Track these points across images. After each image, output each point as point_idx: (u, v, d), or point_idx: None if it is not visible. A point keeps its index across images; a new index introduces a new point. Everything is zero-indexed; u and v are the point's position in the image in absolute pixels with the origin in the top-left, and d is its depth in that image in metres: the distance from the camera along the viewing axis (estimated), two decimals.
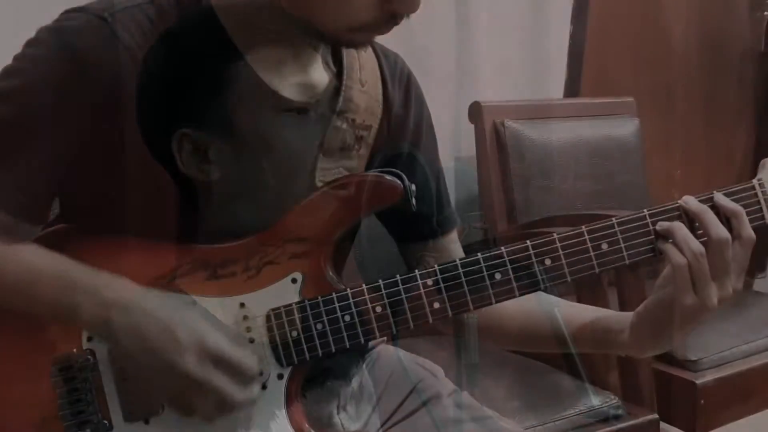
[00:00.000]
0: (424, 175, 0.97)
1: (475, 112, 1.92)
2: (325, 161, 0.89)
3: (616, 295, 1.56)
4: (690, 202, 0.81)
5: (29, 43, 0.81)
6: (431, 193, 0.99)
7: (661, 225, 0.81)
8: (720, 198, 0.82)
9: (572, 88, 2.27)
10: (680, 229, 0.80)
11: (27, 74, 0.79)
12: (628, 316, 0.88)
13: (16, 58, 0.80)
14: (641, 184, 2.13)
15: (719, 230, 0.79)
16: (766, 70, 2.81)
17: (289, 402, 0.82)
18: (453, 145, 2.00)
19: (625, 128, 2.12)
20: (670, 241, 0.80)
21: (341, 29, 0.78)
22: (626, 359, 1.57)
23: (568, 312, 0.94)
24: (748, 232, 0.81)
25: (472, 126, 1.93)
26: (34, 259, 0.80)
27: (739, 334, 1.73)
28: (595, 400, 1.41)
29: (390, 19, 0.78)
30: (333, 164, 0.90)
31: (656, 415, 1.50)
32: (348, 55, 0.91)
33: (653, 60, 2.53)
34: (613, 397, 1.45)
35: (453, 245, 1.02)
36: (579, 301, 1.46)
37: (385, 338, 1.11)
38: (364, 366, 1.04)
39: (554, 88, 2.25)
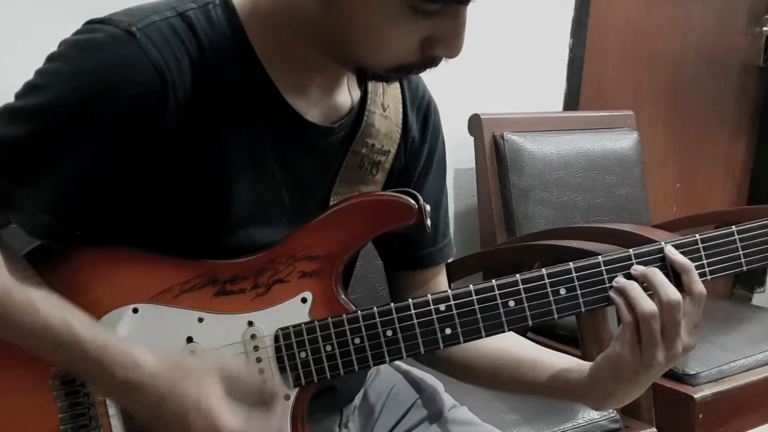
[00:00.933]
0: (429, 204, 0.97)
1: (475, 124, 1.93)
2: (341, 185, 0.89)
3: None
4: (638, 268, 0.80)
5: (52, 58, 0.76)
6: (435, 222, 0.97)
7: (617, 281, 0.80)
8: (670, 252, 0.80)
9: (572, 102, 2.28)
10: (632, 288, 0.79)
11: (50, 91, 0.74)
12: (587, 368, 0.86)
13: (38, 73, 0.76)
14: (641, 197, 2.13)
15: (668, 292, 0.77)
16: (765, 85, 2.82)
17: (294, 423, 0.81)
18: (452, 157, 2.00)
19: (624, 141, 2.13)
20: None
21: (378, 68, 0.76)
22: None
23: (534, 357, 0.92)
24: (699, 288, 0.79)
25: (472, 138, 1.94)
26: (47, 316, 0.73)
27: (738, 348, 1.73)
28: (594, 413, 1.41)
29: (429, 62, 0.76)
30: (348, 189, 0.89)
31: (654, 429, 1.50)
32: None
33: (652, 74, 2.54)
34: (611, 411, 1.45)
35: (441, 277, 1.01)
36: (577, 320, 1.47)
37: None
38: (366, 380, 1.03)
39: (554, 101, 2.26)
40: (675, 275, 0.80)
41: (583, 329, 1.48)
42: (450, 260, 1.01)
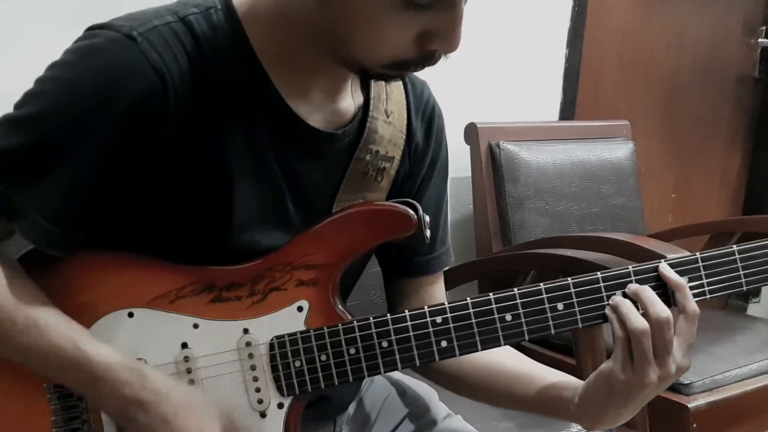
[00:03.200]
0: (429, 211, 0.94)
1: (471, 133, 1.94)
2: (345, 192, 0.88)
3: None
4: (631, 286, 0.80)
5: (53, 66, 0.76)
6: (434, 230, 0.97)
7: (613, 299, 0.80)
8: (664, 270, 0.80)
9: (567, 111, 2.29)
10: (624, 305, 0.78)
11: (50, 98, 0.74)
12: (580, 385, 0.85)
13: (38, 81, 0.76)
14: (636, 206, 2.14)
15: (657, 309, 0.77)
16: (760, 96, 2.83)
17: None
18: (449, 165, 2.01)
19: (620, 151, 2.13)
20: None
21: (374, 65, 0.76)
22: None
23: (529, 371, 0.91)
24: (692, 306, 0.78)
25: (468, 147, 1.94)
26: (53, 336, 0.75)
27: (732, 358, 1.73)
28: None
29: (427, 58, 0.75)
30: (353, 195, 0.89)
31: None
32: (376, 84, 0.89)
33: (648, 84, 2.56)
34: None
35: (439, 285, 1.01)
36: (573, 336, 1.47)
37: None
38: (360, 390, 1.03)
39: (550, 110, 2.27)
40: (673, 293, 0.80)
41: (577, 340, 1.49)
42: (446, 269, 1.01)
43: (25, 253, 0.82)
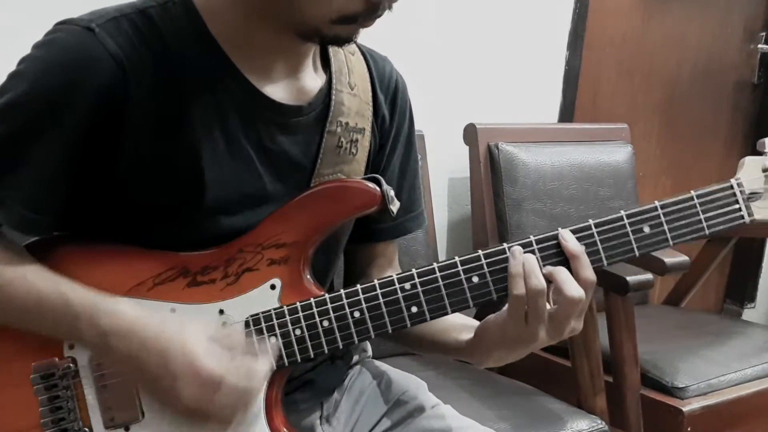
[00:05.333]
0: (392, 182, 0.97)
1: (470, 133, 1.94)
2: (323, 166, 0.90)
3: (605, 320, 1.56)
4: (515, 251, 0.81)
5: (21, 61, 0.81)
6: (401, 192, 0.99)
7: (522, 257, 0.81)
8: (564, 235, 0.82)
9: (567, 113, 2.29)
10: (528, 261, 0.81)
11: (19, 89, 0.78)
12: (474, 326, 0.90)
13: (9, 76, 0.81)
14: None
15: (533, 283, 0.79)
16: (759, 102, 2.84)
17: (268, 407, 0.82)
18: (447, 165, 2.01)
19: (618, 154, 2.14)
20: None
21: (323, 21, 0.78)
22: (614, 384, 1.57)
23: (453, 323, 0.94)
24: (585, 274, 0.80)
25: (467, 147, 1.94)
26: (38, 283, 0.79)
27: (728, 362, 1.73)
28: (582, 424, 1.41)
29: (372, 9, 0.78)
30: (330, 169, 0.91)
31: None
32: (336, 59, 0.93)
33: (648, 88, 2.56)
34: (600, 421, 1.45)
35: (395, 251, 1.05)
36: (569, 338, 1.47)
37: (370, 354, 1.11)
38: (348, 377, 1.04)
39: (549, 112, 2.27)
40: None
41: (573, 341, 1.49)
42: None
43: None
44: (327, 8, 0.77)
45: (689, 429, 1.57)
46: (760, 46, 2.76)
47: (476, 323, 0.91)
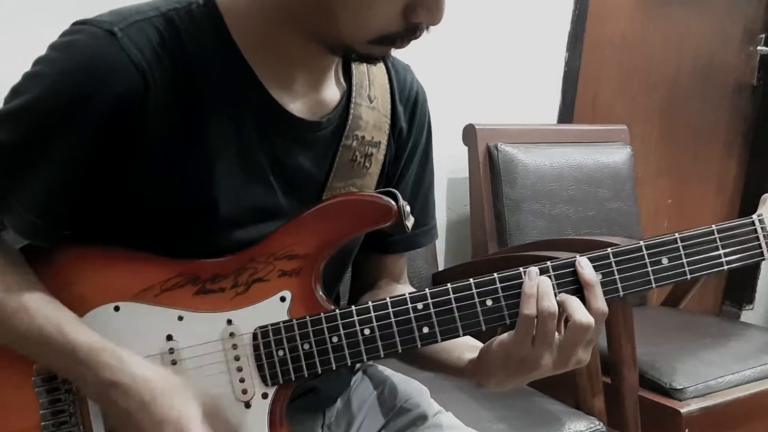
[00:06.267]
0: (406, 195, 0.96)
1: (469, 134, 1.94)
2: (336, 179, 0.89)
3: (604, 326, 1.56)
4: (531, 272, 0.80)
5: (37, 62, 0.77)
6: (414, 205, 0.98)
7: (536, 277, 0.80)
8: (581, 264, 0.80)
9: (566, 115, 2.29)
10: (543, 283, 0.79)
11: (33, 93, 0.75)
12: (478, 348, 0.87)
13: (23, 77, 0.77)
14: (632, 211, 2.14)
15: (545, 305, 0.78)
16: (758, 103, 2.84)
17: (272, 423, 0.81)
18: (446, 166, 2.01)
19: (617, 156, 2.14)
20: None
21: (360, 42, 0.76)
22: (612, 385, 1.57)
23: (455, 342, 0.90)
24: (597, 305, 0.79)
25: (466, 148, 1.94)
26: (39, 319, 0.76)
27: (726, 364, 1.73)
28: (581, 425, 1.41)
29: (411, 31, 0.76)
30: (343, 183, 0.89)
31: None
32: (358, 71, 0.90)
33: (647, 89, 2.56)
34: (598, 423, 1.45)
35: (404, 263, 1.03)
36: None
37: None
38: (350, 385, 1.03)
39: (548, 113, 2.27)
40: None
41: None
42: (441, 270, 1.01)
43: (20, 247, 0.83)
44: (368, 29, 0.75)
45: (687, 430, 1.57)
46: (759, 48, 2.77)
47: (480, 344, 0.89)
